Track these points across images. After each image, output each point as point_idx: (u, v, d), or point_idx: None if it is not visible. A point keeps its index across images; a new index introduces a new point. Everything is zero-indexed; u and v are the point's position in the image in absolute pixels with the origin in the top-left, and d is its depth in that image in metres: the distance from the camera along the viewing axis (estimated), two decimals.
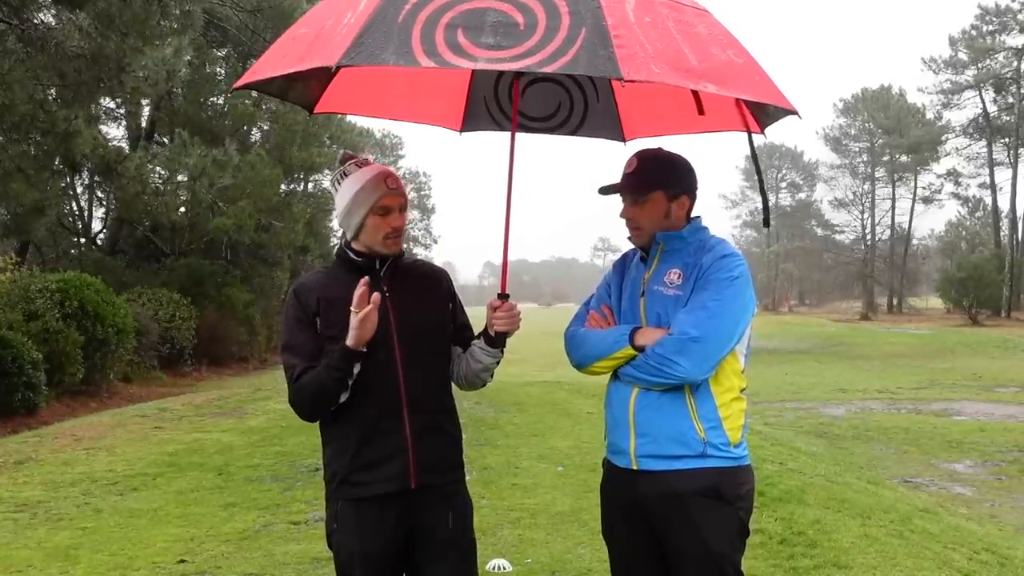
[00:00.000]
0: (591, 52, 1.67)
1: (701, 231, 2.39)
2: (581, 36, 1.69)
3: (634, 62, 1.69)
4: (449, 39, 1.68)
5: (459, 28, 1.70)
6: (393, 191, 2.28)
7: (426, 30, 1.70)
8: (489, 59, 1.68)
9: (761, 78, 2.05)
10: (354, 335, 2.13)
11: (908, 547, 4.77)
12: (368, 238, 2.29)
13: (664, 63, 1.76)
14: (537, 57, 1.67)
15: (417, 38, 1.69)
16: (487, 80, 2.79)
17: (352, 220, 2.28)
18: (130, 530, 5.20)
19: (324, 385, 2.18)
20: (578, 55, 1.67)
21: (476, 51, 1.68)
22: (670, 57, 1.79)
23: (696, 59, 1.84)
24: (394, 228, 2.29)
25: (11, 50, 10.77)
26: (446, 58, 1.66)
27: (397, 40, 1.70)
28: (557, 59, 1.66)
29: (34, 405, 11.54)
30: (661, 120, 2.81)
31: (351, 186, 2.28)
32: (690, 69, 1.80)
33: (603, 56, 1.67)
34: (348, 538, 2.25)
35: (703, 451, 2.23)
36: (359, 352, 2.16)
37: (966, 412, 13.20)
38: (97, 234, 23.61)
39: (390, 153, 53.80)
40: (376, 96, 2.77)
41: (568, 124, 2.87)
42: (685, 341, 2.18)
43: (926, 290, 59.73)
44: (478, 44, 1.68)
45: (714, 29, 2.05)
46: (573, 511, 5.45)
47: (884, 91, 58.74)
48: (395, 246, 2.32)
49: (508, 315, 2.32)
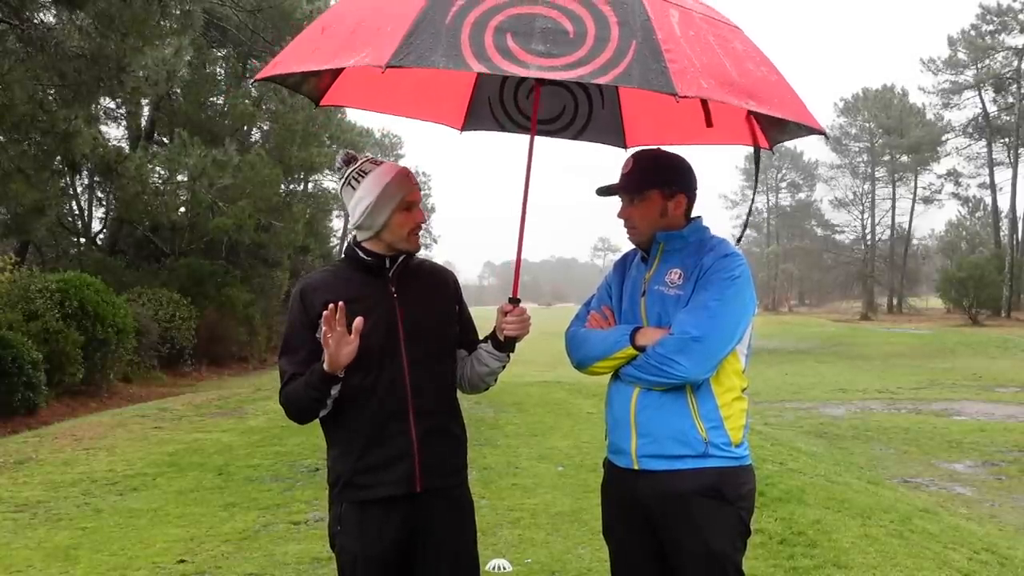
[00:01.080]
0: (643, 65, 1.66)
1: (702, 231, 2.39)
2: (632, 48, 1.67)
3: (685, 77, 1.67)
4: (499, 43, 1.66)
5: (508, 33, 1.67)
6: (416, 187, 2.30)
7: (475, 33, 1.67)
8: (541, 67, 1.66)
9: (792, 97, 2.04)
10: (329, 360, 2.09)
11: (908, 547, 4.77)
12: (392, 235, 2.26)
13: (712, 78, 1.75)
14: (589, 68, 1.65)
15: (466, 41, 1.66)
16: (494, 79, 2.77)
17: (378, 218, 2.24)
18: (130, 530, 5.20)
19: (303, 400, 2.19)
20: (630, 68, 1.65)
21: (527, 57, 1.65)
22: (715, 72, 1.78)
23: (737, 75, 1.83)
24: (418, 223, 2.29)
25: (11, 50, 10.77)
26: (496, 63, 1.64)
27: (446, 42, 1.67)
28: (609, 71, 1.65)
29: (34, 405, 11.54)
30: (666, 129, 2.80)
31: (375, 183, 2.23)
32: (734, 84, 1.80)
33: (655, 70, 1.66)
34: (351, 541, 2.24)
35: (704, 451, 2.23)
36: (336, 376, 2.13)
37: (966, 412, 13.19)
38: (97, 234, 23.62)
39: (390, 152, 53.75)
40: (381, 91, 2.76)
41: (571, 128, 2.86)
42: (686, 341, 2.18)
43: (926, 290, 59.73)
44: (528, 50, 1.66)
45: (747, 46, 2.05)
46: (573, 511, 5.45)
47: (884, 91, 58.75)
48: (417, 242, 2.32)
49: (519, 320, 2.31)
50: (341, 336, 2.07)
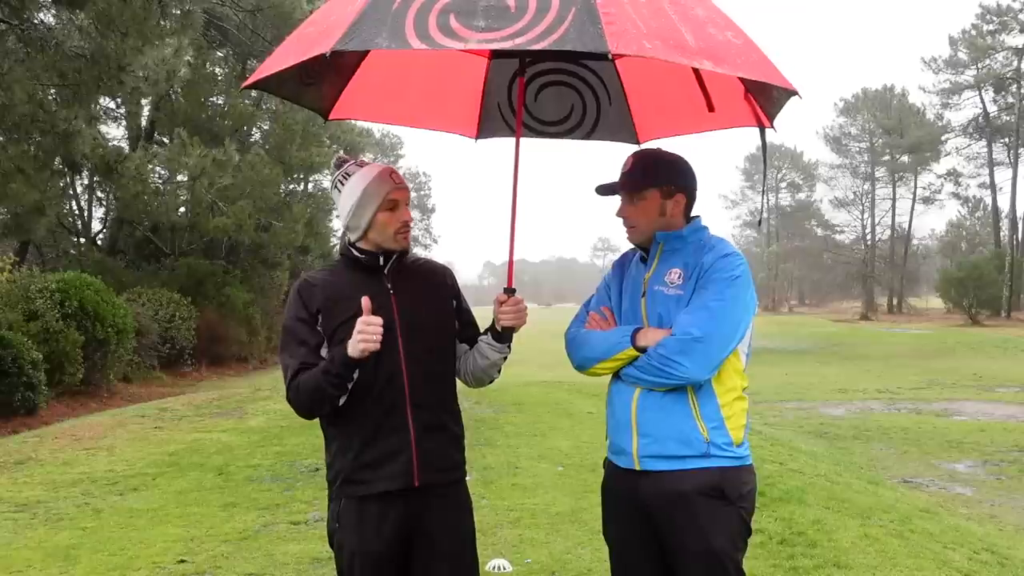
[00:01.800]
0: (580, 29, 1.69)
1: (701, 231, 2.39)
2: (571, 15, 1.71)
3: (623, 38, 1.71)
4: (441, 23, 1.72)
5: (451, 13, 1.73)
6: (399, 186, 2.30)
7: (419, 16, 1.73)
8: (480, 40, 1.71)
9: (759, 58, 2.04)
10: (358, 348, 2.11)
11: (908, 547, 4.77)
12: (378, 235, 2.29)
13: (658, 40, 1.77)
14: (527, 36, 1.69)
15: (410, 23, 1.72)
16: (501, 86, 2.79)
17: (361, 218, 2.28)
18: (130, 530, 5.20)
19: (322, 389, 2.17)
20: (567, 32, 1.69)
21: (467, 33, 1.71)
22: (664, 35, 1.80)
23: (693, 38, 1.85)
24: (403, 222, 2.31)
25: (11, 50, 10.78)
26: (437, 40, 1.69)
27: (390, 26, 1.73)
28: (546, 37, 1.69)
29: (34, 405, 11.54)
30: (673, 120, 2.79)
31: (357, 184, 2.28)
32: (685, 46, 1.81)
33: (592, 33, 1.69)
34: (350, 536, 2.25)
35: (706, 451, 2.23)
36: (360, 361, 2.14)
37: (966, 412, 13.20)
38: (97, 234, 23.64)
39: (390, 153, 53.85)
40: (390, 103, 2.78)
41: (581, 128, 2.86)
42: (687, 341, 2.17)
43: (926, 290, 59.76)
44: (469, 27, 1.71)
45: (712, 12, 2.06)
46: (573, 511, 5.45)
47: (884, 91, 58.77)
48: (405, 241, 2.33)
49: (515, 310, 2.32)
50: (375, 323, 2.12)
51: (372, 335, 2.10)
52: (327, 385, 2.16)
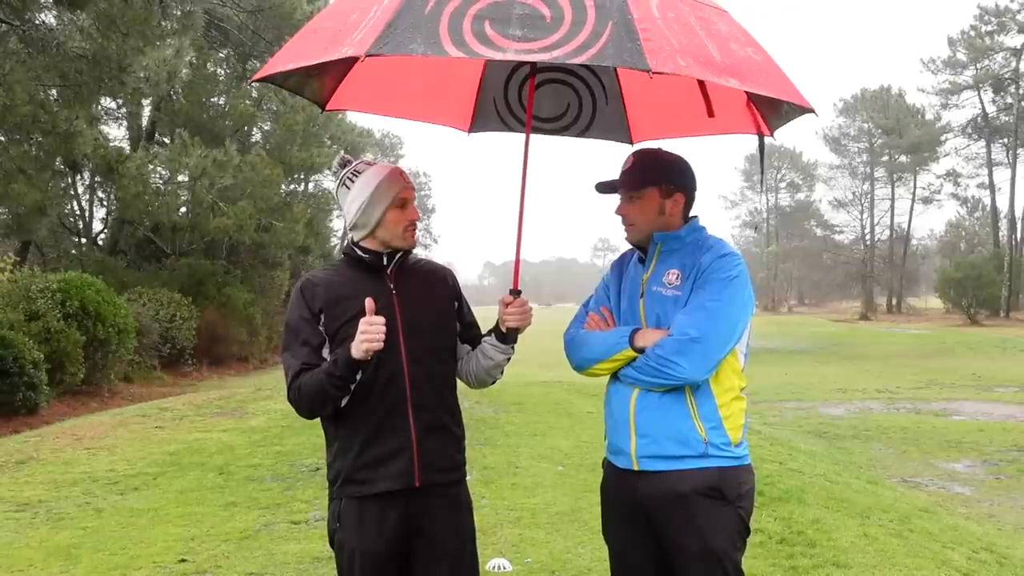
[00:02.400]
0: (618, 45, 1.69)
1: (699, 231, 2.40)
2: (608, 29, 1.71)
3: (660, 55, 1.71)
4: (477, 30, 1.70)
5: (486, 20, 1.72)
6: (408, 185, 2.33)
7: (453, 21, 1.72)
8: (518, 50, 1.70)
9: (778, 76, 2.06)
10: (362, 349, 2.11)
11: (907, 546, 4.79)
12: (387, 232, 2.30)
13: (690, 57, 1.78)
14: (565, 49, 1.69)
15: (445, 29, 1.71)
16: (498, 80, 2.79)
17: (371, 216, 2.29)
18: (131, 529, 5.21)
19: (324, 390, 2.17)
20: (605, 47, 1.69)
21: (504, 42, 1.70)
22: (694, 51, 1.81)
23: (719, 55, 1.86)
24: (411, 220, 2.32)
25: (12, 51, 10.80)
26: (474, 48, 1.68)
27: (425, 31, 1.72)
28: (584, 51, 1.69)
29: (35, 405, 11.55)
30: (669, 122, 2.81)
31: (368, 182, 2.29)
32: (714, 63, 1.82)
33: (630, 49, 1.69)
34: (350, 536, 2.25)
35: (704, 451, 2.24)
36: (363, 363, 2.15)
37: (965, 412, 13.22)
38: (98, 234, 23.65)
39: (390, 153, 53.78)
40: (387, 95, 2.78)
41: (576, 125, 2.87)
42: (685, 342, 2.18)
43: (925, 290, 59.72)
44: (506, 35, 1.70)
45: (733, 27, 2.07)
46: (573, 511, 5.46)
47: (883, 91, 58.73)
48: (412, 238, 2.34)
49: (520, 311, 2.33)
50: (378, 322, 2.12)
51: (376, 335, 2.10)
52: (330, 387, 2.16)
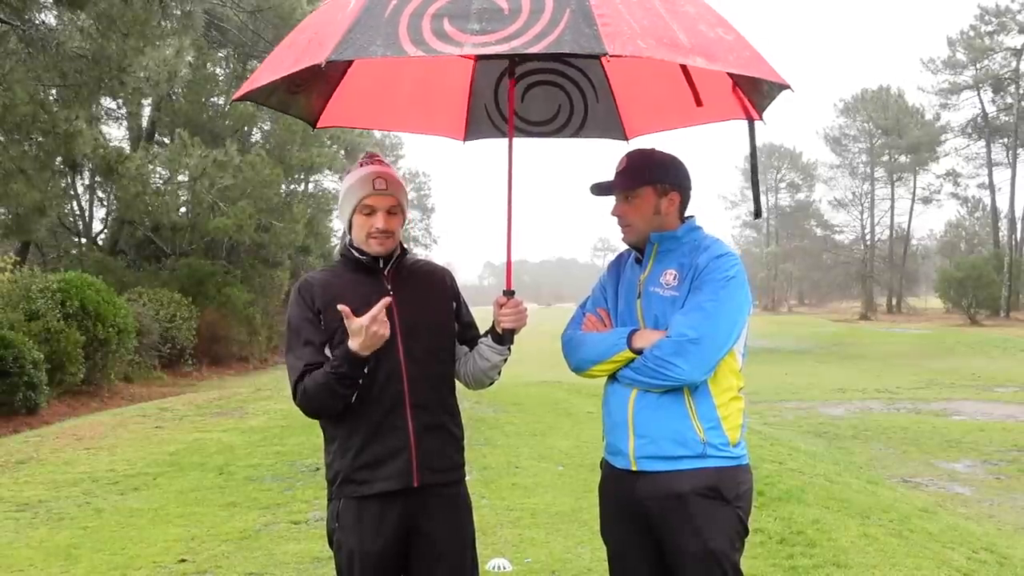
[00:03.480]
0: (576, 31, 1.70)
1: (695, 231, 2.40)
2: (566, 16, 1.72)
3: (619, 38, 1.71)
4: (436, 28, 1.71)
5: (445, 17, 1.73)
6: (380, 192, 2.28)
7: (413, 22, 1.73)
8: (475, 44, 1.71)
9: (751, 53, 2.05)
10: (360, 343, 2.11)
11: (907, 546, 4.79)
12: (355, 235, 2.33)
13: (651, 38, 1.78)
14: (523, 39, 1.69)
15: (404, 29, 1.72)
16: (487, 87, 2.79)
17: (343, 217, 2.34)
18: (131, 529, 5.21)
19: (331, 388, 2.17)
20: (563, 34, 1.69)
21: (462, 37, 1.70)
22: (657, 33, 1.81)
23: (685, 36, 1.86)
24: (377, 229, 2.28)
25: (12, 51, 10.80)
26: (432, 45, 1.69)
27: (384, 33, 1.73)
28: (542, 40, 1.69)
29: (35, 405, 11.55)
30: (660, 115, 2.80)
31: (344, 183, 2.34)
32: (678, 44, 1.82)
33: (587, 34, 1.70)
34: (349, 536, 2.25)
35: (703, 451, 2.24)
36: (367, 358, 2.15)
37: (965, 412, 13.22)
38: (98, 234, 23.65)
39: (390, 153, 53.76)
40: (378, 109, 2.79)
41: (569, 126, 2.87)
42: (683, 343, 2.18)
43: (925, 290, 59.71)
44: (464, 30, 1.71)
45: (701, 8, 2.07)
46: (573, 511, 5.46)
47: (883, 91, 58.72)
48: (379, 247, 2.29)
49: (515, 311, 2.34)
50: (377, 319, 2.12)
51: (378, 327, 2.10)
52: (337, 384, 2.16)
